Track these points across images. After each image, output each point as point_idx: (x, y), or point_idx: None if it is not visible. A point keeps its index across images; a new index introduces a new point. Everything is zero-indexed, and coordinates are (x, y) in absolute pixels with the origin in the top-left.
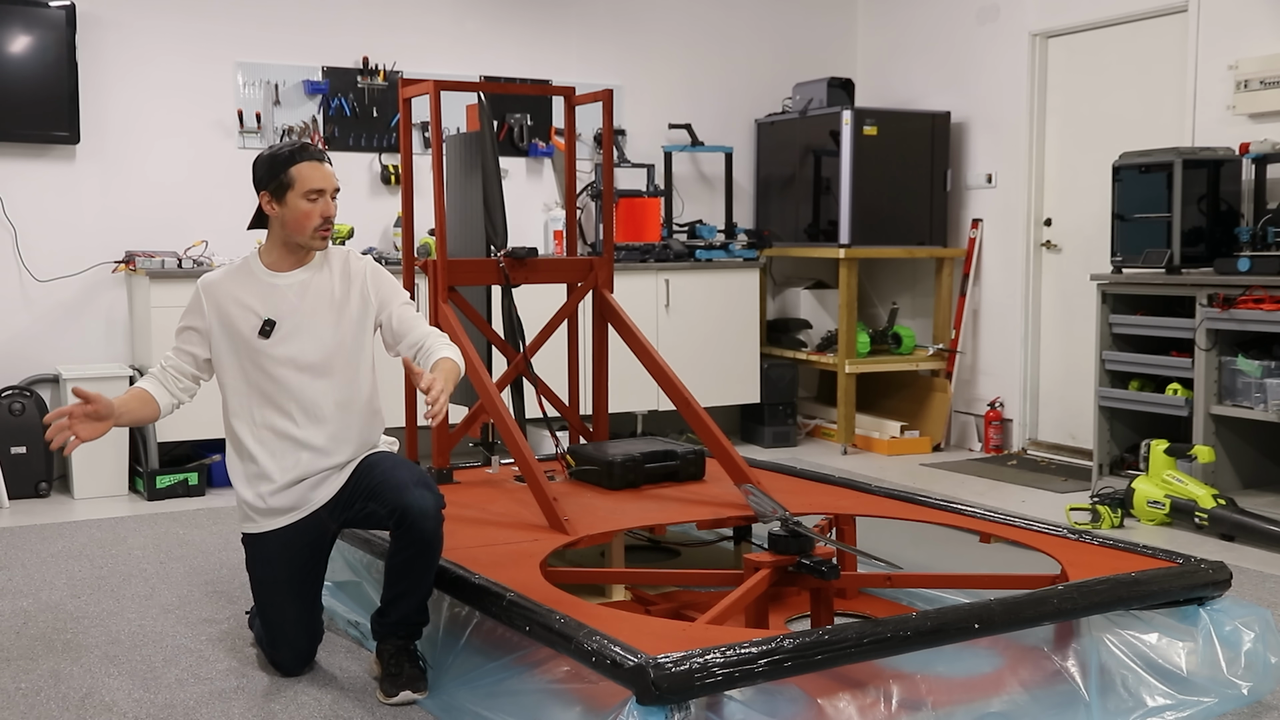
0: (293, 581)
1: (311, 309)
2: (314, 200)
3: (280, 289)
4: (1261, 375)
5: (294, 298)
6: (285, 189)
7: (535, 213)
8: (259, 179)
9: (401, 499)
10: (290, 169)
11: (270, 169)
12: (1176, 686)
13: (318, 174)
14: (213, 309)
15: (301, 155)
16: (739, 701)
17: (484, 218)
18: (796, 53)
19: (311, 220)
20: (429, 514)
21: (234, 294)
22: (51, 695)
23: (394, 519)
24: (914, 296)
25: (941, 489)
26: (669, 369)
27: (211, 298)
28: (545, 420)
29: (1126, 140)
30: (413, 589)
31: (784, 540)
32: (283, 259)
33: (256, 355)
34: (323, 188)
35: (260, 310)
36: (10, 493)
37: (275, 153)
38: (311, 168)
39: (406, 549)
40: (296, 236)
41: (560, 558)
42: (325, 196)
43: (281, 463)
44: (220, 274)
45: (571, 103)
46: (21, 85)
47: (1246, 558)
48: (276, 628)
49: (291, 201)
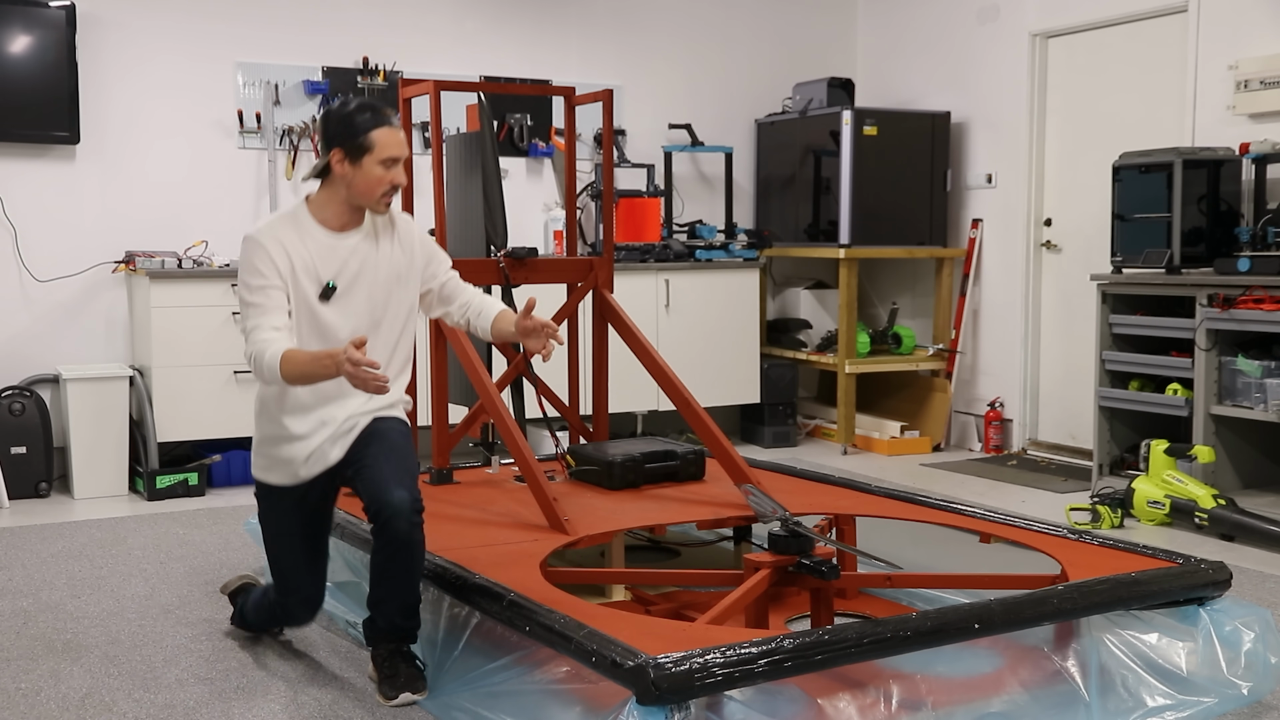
0: (306, 533)
1: (369, 273)
2: (389, 167)
3: (338, 250)
4: (1261, 375)
5: (352, 260)
6: (362, 152)
7: (535, 213)
8: (334, 135)
9: (378, 496)
10: (371, 133)
11: (350, 129)
12: (1176, 686)
13: (395, 141)
14: (285, 265)
15: (382, 120)
16: (739, 701)
17: (484, 218)
18: (796, 53)
19: (382, 186)
20: (402, 514)
21: (297, 251)
22: (51, 695)
23: (370, 513)
24: (914, 296)
25: (941, 489)
26: (669, 369)
27: (282, 254)
28: (545, 420)
29: (1126, 140)
30: (393, 594)
31: (784, 540)
32: (338, 217)
33: (311, 315)
34: (398, 156)
35: (321, 271)
36: (10, 493)
37: (355, 112)
38: (390, 134)
39: (383, 548)
40: (362, 200)
41: (560, 558)
42: (399, 165)
43: (314, 420)
44: (278, 228)
45: (571, 103)
46: (21, 85)
47: (1246, 558)
48: (289, 576)
49: (367, 166)
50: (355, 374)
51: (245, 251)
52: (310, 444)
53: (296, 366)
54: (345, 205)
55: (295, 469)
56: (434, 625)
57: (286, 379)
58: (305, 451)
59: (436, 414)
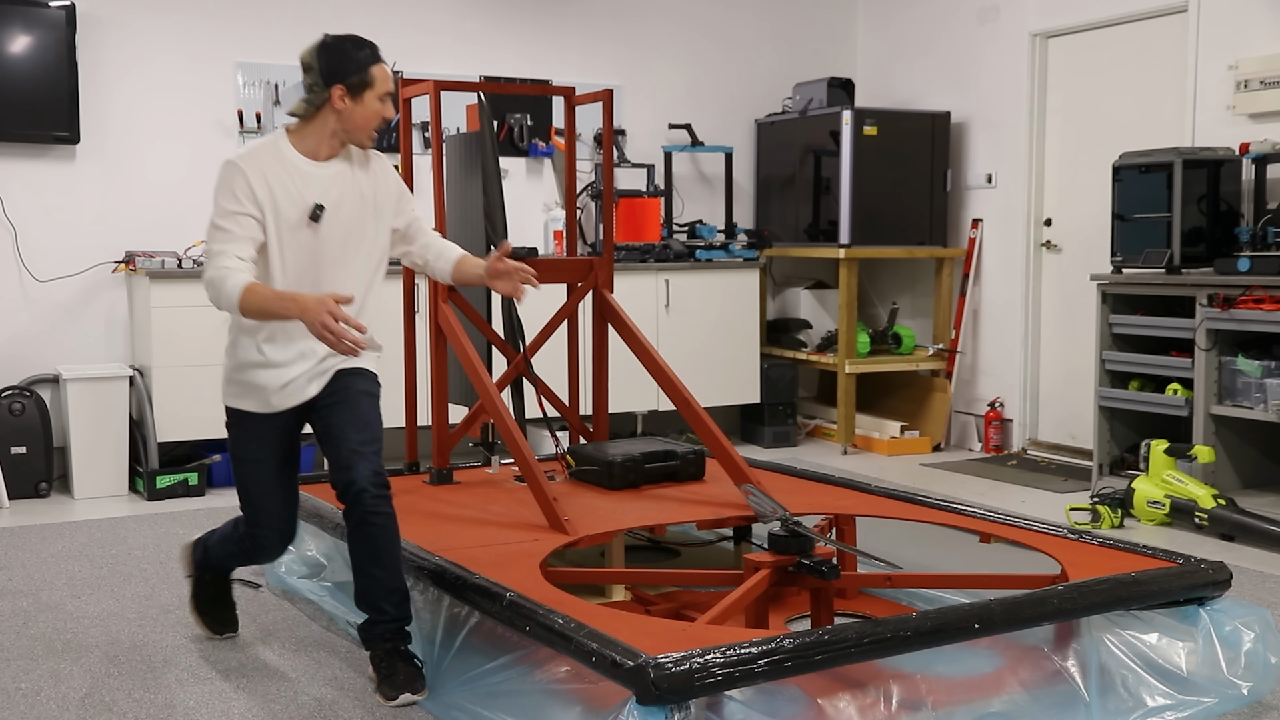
0: (278, 464)
1: (350, 201)
2: (384, 102)
3: (320, 178)
4: (1261, 375)
5: (333, 188)
6: (364, 87)
7: (535, 213)
8: (334, 70)
9: (342, 474)
10: (371, 69)
11: (354, 65)
12: (1176, 686)
13: (387, 76)
14: (264, 191)
15: (379, 56)
16: (739, 701)
17: (484, 218)
18: (796, 53)
19: (377, 121)
20: (366, 491)
21: (279, 178)
22: (51, 695)
23: (336, 490)
24: (914, 296)
25: (941, 489)
26: (669, 369)
27: (262, 182)
28: (545, 420)
29: (1126, 140)
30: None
31: (784, 540)
32: (320, 149)
33: (294, 239)
34: (391, 90)
35: (306, 196)
36: (10, 493)
37: (355, 49)
38: (384, 69)
39: (353, 529)
40: (357, 133)
41: (560, 558)
42: (390, 99)
43: (295, 350)
44: (257, 154)
45: (571, 103)
46: (21, 85)
47: (1246, 558)
48: (261, 505)
49: (368, 100)
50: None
51: (225, 175)
52: (288, 373)
53: (257, 300)
54: (331, 138)
55: (268, 397)
56: (434, 625)
57: (244, 311)
58: (281, 380)
59: (436, 414)
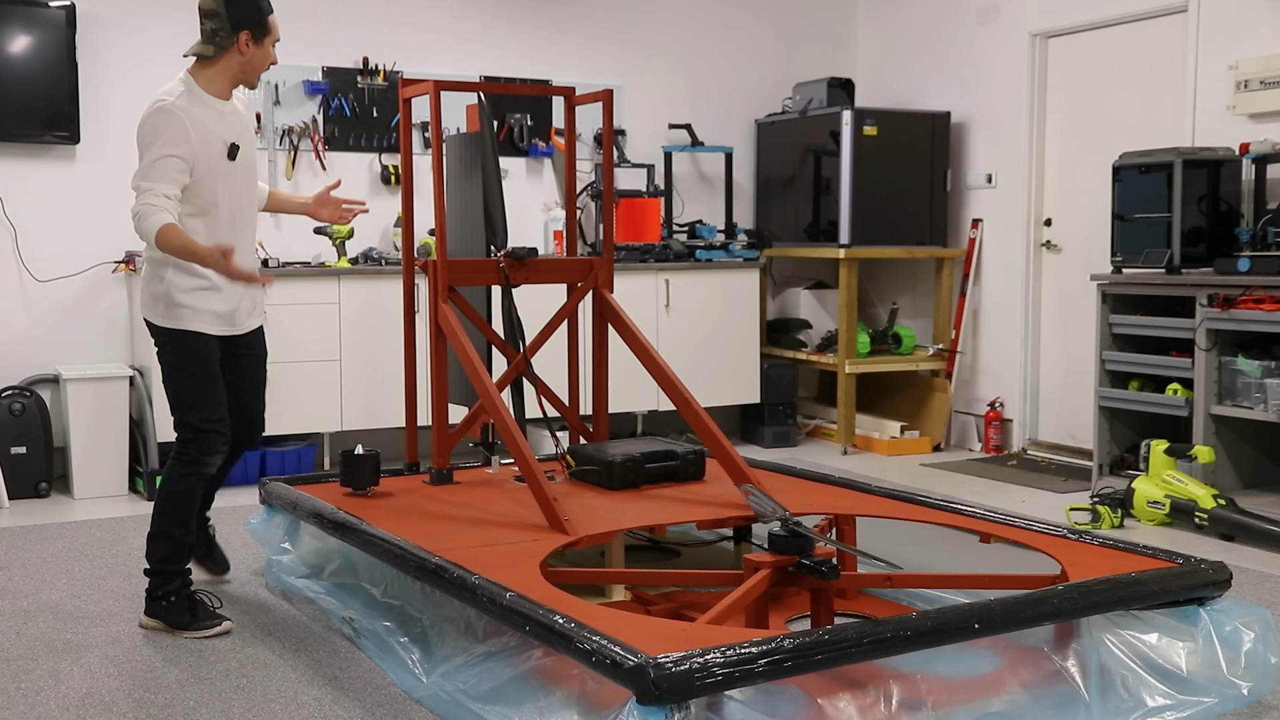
0: (219, 376)
1: (246, 135)
2: (273, 48)
3: (227, 116)
4: (1261, 375)
5: (235, 124)
6: (264, 34)
7: (535, 213)
8: (241, 18)
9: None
10: (269, 17)
11: (257, 14)
12: (1176, 686)
13: (277, 25)
14: (197, 134)
15: (271, 7)
16: (739, 701)
17: (484, 218)
18: (796, 53)
19: (267, 65)
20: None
21: (202, 119)
22: (51, 695)
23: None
24: (914, 296)
25: (941, 489)
26: (669, 369)
27: (194, 122)
28: (545, 420)
29: (1126, 140)
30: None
31: (784, 540)
32: (223, 90)
33: (224, 172)
34: (279, 38)
35: (223, 134)
36: (10, 493)
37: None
38: (275, 19)
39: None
40: (251, 75)
41: (560, 558)
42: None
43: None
44: (185, 101)
45: (571, 103)
46: (21, 85)
47: (1246, 558)
48: (213, 414)
49: (266, 46)
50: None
51: (159, 118)
52: (233, 298)
53: (173, 242)
54: (230, 80)
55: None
56: (433, 625)
57: (160, 247)
58: (230, 305)
59: (436, 414)
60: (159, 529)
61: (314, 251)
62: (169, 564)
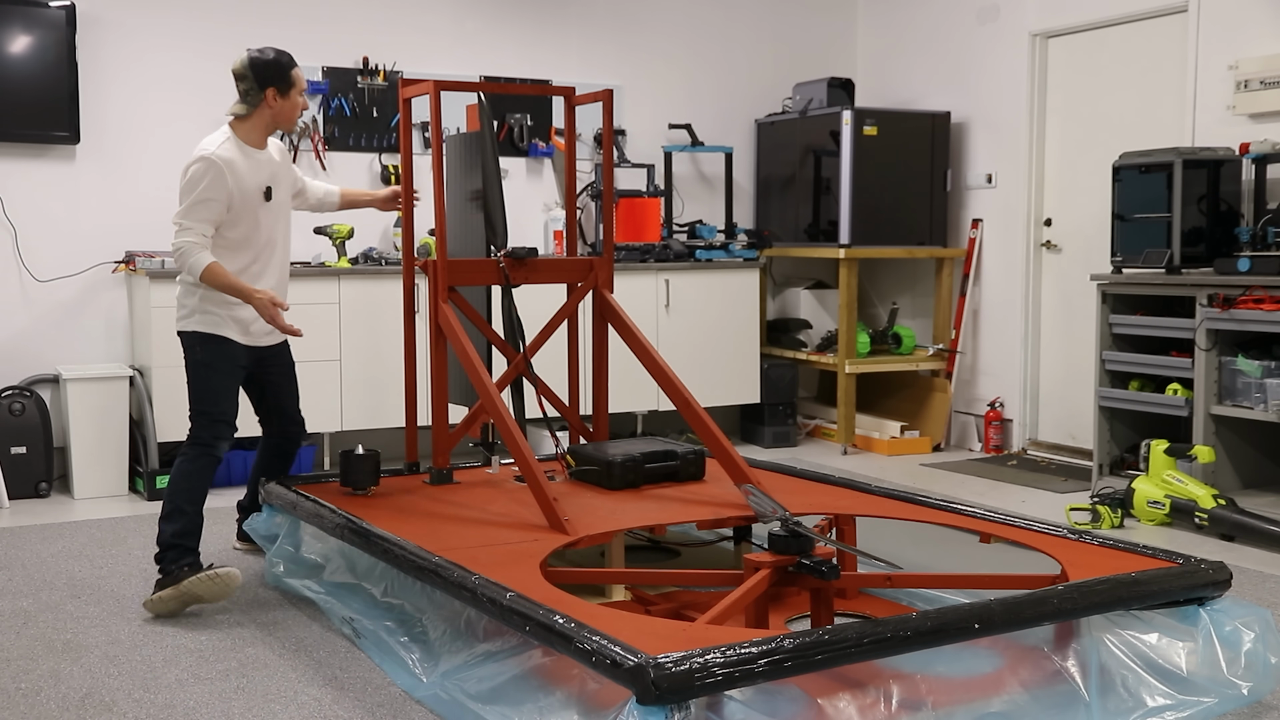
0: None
1: (281, 180)
2: (302, 96)
3: (264, 164)
4: (1261, 375)
5: (270, 169)
6: (290, 87)
7: (535, 213)
8: (269, 77)
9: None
10: (292, 71)
11: (280, 70)
12: (1176, 686)
13: (302, 76)
14: (235, 180)
15: (294, 61)
16: (739, 701)
17: (484, 218)
18: (796, 53)
19: (298, 112)
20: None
21: (241, 168)
22: (51, 695)
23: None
24: (914, 296)
25: (941, 489)
26: (669, 369)
27: (232, 171)
28: (545, 420)
29: (1126, 140)
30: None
31: (784, 540)
32: (259, 139)
33: (254, 215)
34: (305, 87)
35: (259, 180)
36: (10, 493)
37: (278, 57)
38: (300, 71)
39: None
40: (285, 124)
41: (560, 558)
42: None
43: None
44: (228, 153)
45: (571, 103)
46: (21, 85)
47: (1246, 558)
48: (226, 414)
49: (293, 97)
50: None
51: (201, 167)
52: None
53: (220, 279)
54: (265, 130)
55: (246, 327)
56: (433, 624)
57: (206, 282)
58: (252, 315)
59: (436, 414)
60: (172, 506)
61: (314, 251)
62: (180, 539)
